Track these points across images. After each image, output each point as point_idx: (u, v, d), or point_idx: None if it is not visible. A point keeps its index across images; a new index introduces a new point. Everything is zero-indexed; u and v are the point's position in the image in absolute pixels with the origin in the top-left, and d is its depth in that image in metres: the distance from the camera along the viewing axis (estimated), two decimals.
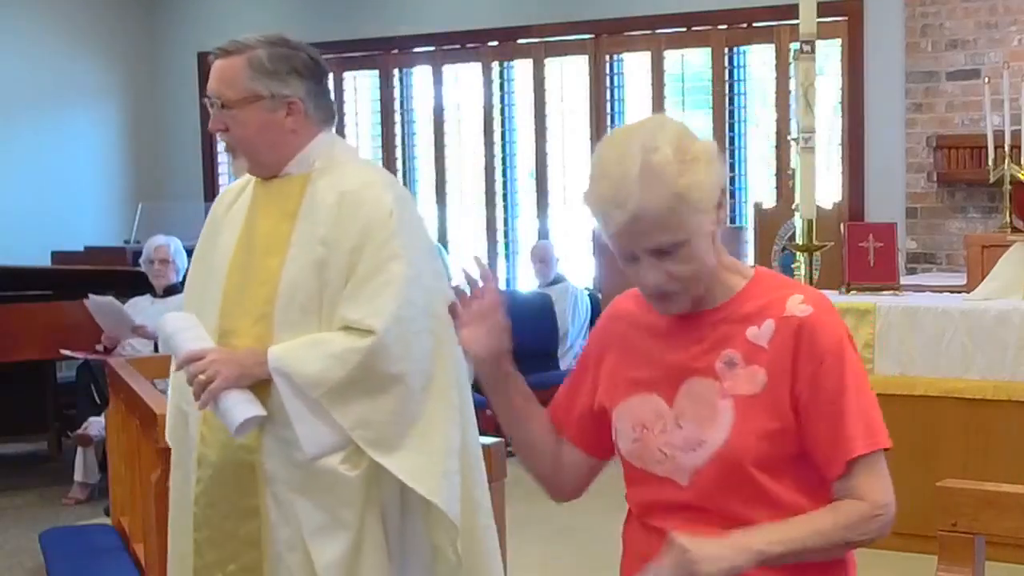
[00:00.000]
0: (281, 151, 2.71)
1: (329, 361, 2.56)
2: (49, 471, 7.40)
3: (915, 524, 5.13)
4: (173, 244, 7.14)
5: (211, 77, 2.71)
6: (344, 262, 2.61)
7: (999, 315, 5.22)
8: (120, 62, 10.39)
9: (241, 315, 2.68)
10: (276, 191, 2.73)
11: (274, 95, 2.68)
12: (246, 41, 2.70)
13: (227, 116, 2.68)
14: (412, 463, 2.61)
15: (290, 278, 2.64)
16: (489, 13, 9.10)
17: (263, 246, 2.70)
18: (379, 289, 2.59)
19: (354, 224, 2.62)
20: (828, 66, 7.98)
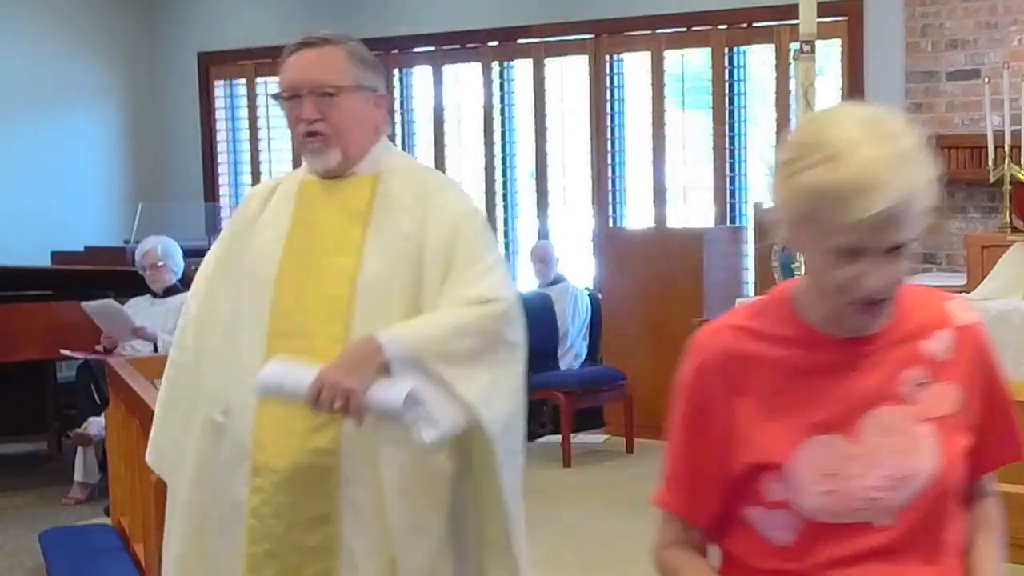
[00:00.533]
0: (364, 145, 2.67)
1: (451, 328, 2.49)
2: (49, 471, 7.40)
3: None
4: (161, 246, 7.06)
5: (304, 66, 2.63)
6: (443, 259, 2.57)
7: (999, 315, 5.22)
8: (120, 62, 10.39)
9: (306, 315, 2.59)
10: (341, 191, 2.67)
11: (372, 88, 2.68)
12: (335, 35, 2.69)
13: (327, 103, 2.62)
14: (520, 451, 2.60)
15: (370, 276, 2.57)
16: (489, 13, 9.10)
17: (332, 245, 2.62)
18: (486, 272, 2.57)
19: (445, 222, 2.59)
20: (828, 66, 7.97)
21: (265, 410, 2.55)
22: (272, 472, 2.55)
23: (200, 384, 2.72)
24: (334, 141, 2.63)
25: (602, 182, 8.89)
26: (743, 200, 8.43)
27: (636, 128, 8.80)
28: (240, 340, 2.64)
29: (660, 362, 7.83)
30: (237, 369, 2.62)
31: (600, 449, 7.69)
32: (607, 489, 6.62)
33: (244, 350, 2.62)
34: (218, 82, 10.45)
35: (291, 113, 2.67)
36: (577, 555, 5.52)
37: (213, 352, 2.71)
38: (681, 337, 7.78)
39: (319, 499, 2.54)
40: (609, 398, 7.70)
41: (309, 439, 2.53)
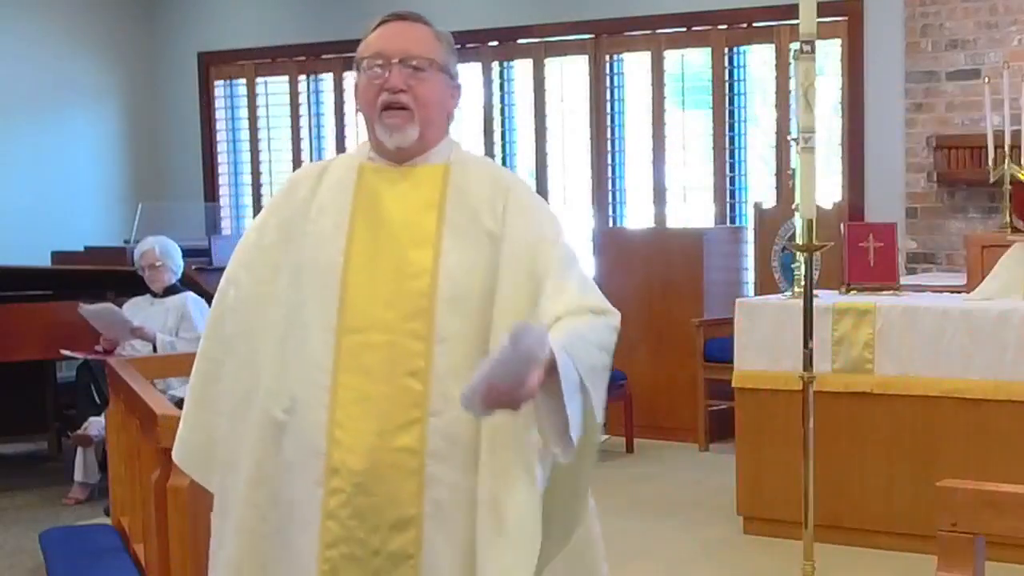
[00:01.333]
0: (439, 131, 2.57)
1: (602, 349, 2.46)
2: (49, 471, 7.40)
3: (915, 524, 5.17)
4: (160, 246, 7.06)
5: (396, 35, 2.56)
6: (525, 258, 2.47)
7: (999, 315, 5.22)
8: (120, 62, 10.39)
9: (384, 309, 2.45)
10: (410, 179, 2.54)
11: (454, 75, 2.61)
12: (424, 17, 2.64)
13: (416, 77, 2.51)
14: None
15: (451, 271, 2.46)
16: (489, 13, 9.10)
17: (405, 237, 2.49)
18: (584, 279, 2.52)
19: (527, 220, 2.50)
20: (828, 66, 7.98)
21: (342, 407, 2.43)
22: (352, 472, 2.41)
23: (248, 378, 2.55)
24: (416, 117, 2.51)
25: (602, 182, 8.89)
26: (743, 200, 8.44)
27: (636, 128, 8.80)
28: (304, 334, 2.49)
29: (660, 362, 7.84)
30: (302, 364, 2.48)
31: (600, 449, 7.66)
32: (607, 489, 6.62)
33: (309, 345, 2.47)
34: (218, 82, 10.45)
35: (371, 82, 2.53)
36: None
37: (269, 346, 2.53)
38: (681, 337, 7.80)
39: (402, 502, 2.42)
40: (609, 398, 7.69)
41: (392, 437, 2.41)
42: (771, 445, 5.61)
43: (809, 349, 4.04)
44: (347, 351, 2.44)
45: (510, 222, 2.50)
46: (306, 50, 9.87)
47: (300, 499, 2.46)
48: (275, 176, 10.33)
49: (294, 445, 2.47)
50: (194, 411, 2.67)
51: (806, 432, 4.03)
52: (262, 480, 2.51)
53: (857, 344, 5.46)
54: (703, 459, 7.34)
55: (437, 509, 2.42)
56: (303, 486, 2.45)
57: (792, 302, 5.56)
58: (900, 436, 5.42)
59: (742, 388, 5.75)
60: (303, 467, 2.45)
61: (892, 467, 5.42)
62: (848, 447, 5.49)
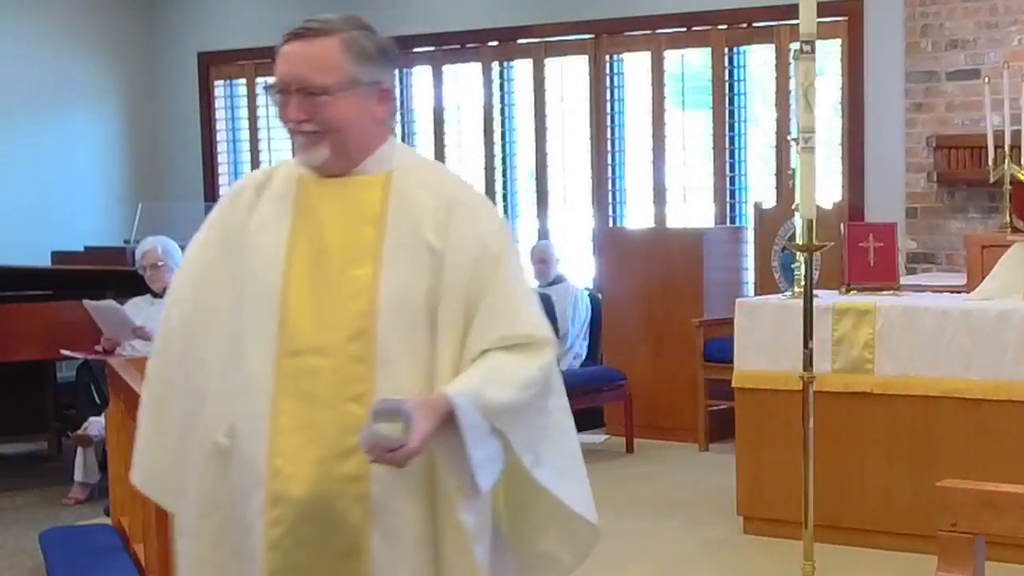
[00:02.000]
0: (367, 143, 2.43)
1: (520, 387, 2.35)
2: (49, 471, 7.40)
3: (915, 524, 5.17)
4: (161, 246, 7.06)
5: (295, 59, 2.41)
6: (466, 274, 2.36)
7: (999, 315, 5.22)
8: (120, 62, 10.39)
9: (324, 331, 2.35)
10: (348, 192, 2.43)
11: (371, 81, 2.42)
12: (334, 22, 2.44)
13: (314, 104, 2.37)
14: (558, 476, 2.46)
15: (393, 289, 2.35)
16: (489, 13, 9.10)
17: (344, 253, 2.39)
18: (524, 300, 2.41)
19: (471, 234, 2.38)
20: (828, 66, 7.98)
21: (282, 435, 2.34)
22: (294, 501, 2.34)
23: (195, 401, 2.48)
24: (325, 139, 2.39)
25: (602, 182, 8.89)
26: (743, 200, 8.44)
27: (636, 128, 8.80)
28: (245, 358, 2.39)
29: (660, 362, 7.84)
30: (242, 389, 2.39)
31: (600, 449, 7.68)
32: (607, 489, 6.61)
33: (249, 369, 2.38)
34: (218, 82, 10.45)
35: (280, 109, 2.44)
36: None
37: (213, 369, 2.45)
38: (681, 337, 7.80)
39: (349, 530, 2.35)
40: (609, 398, 7.70)
41: (335, 465, 2.33)
42: (771, 445, 5.61)
43: (809, 349, 4.04)
44: (287, 376, 2.35)
45: (453, 236, 2.38)
46: None
47: (247, 528, 2.39)
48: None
49: (237, 473, 2.40)
50: (149, 435, 2.60)
51: (806, 432, 4.03)
52: (212, 508, 2.45)
53: (857, 344, 5.46)
54: (703, 459, 7.33)
55: (386, 537, 2.35)
56: (248, 515, 2.38)
57: (792, 302, 5.56)
58: (900, 436, 5.42)
59: (742, 388, 5.75)
60: (247, 496, 2.38)
61: (892, 467, 5.42)
62: (848, 447, 5.49)
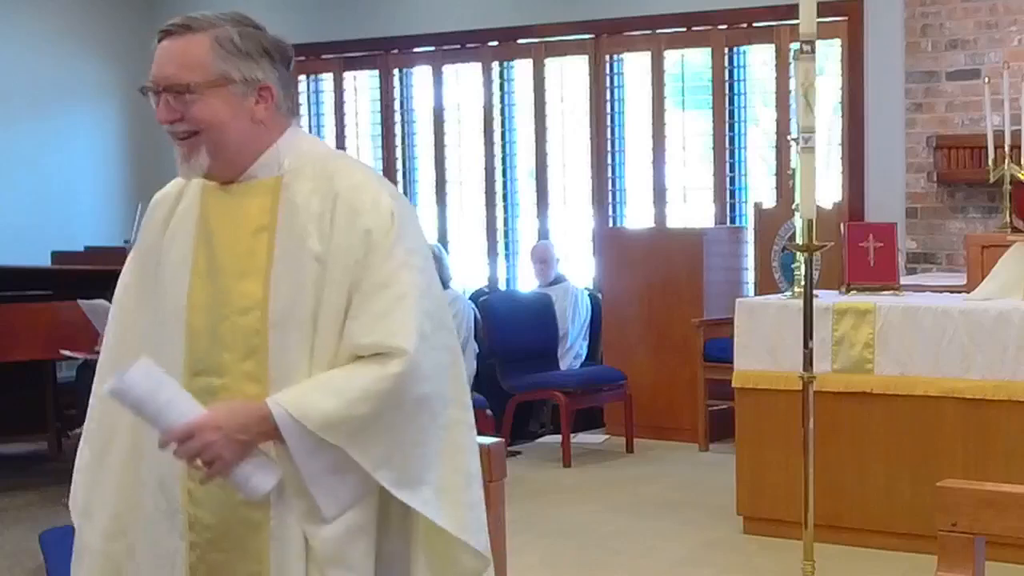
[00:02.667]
0: (249, 146, 2.30)
1: (351, 395, 2.19)
2: (49, 471, 7.39)
3: (915, 524, 5.17)
4: None
5: (162, 58, 2.28)
6: (346, 279, 2.24)
7: (999, 315, 5.22)
8: (120, 61, 10.38)
9: (221, 350, 2.27)
10: (240, 200, 2.32)
11: (245, 79, 2.29)
12: (208, 18, 2.30)
13: (185, 103, 2.27)
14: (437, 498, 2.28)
15: (282, 303, 2.25)
16: (489, 13, 9.09)
17: (234, 267, 2.29)
18: (393, 304, 2.23)
19: (354, 234, 2.25)
20: (828, 66, 7.98)
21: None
22: (204, 527, 2.28)
23: (116, 422, 2.41)
24: (199, 142, 2.28)
25: (602, 182, 8.89)
26: (743, 200, 8.44)
27: (636, 128, 8.80)
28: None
29: (660, 362, 7.84)
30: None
31: (600, 449, 7.68)
32: (607, 489, 6.62)
33: None
34: None
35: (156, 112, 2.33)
36: (577, 555, 5.52)
37: None
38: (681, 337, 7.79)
39: (250, 559, 2.28)
40: (609, 398, 7.70)
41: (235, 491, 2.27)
42: (771, 445, 5.61)
43: (809, 349, 4.04)
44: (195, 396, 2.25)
45: (336, 239, 2.25)
46: (306, 50, 9.85)
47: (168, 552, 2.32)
48: None
49: (154, 497, 2.34)
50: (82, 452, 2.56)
51: (806, 432, 4.03)
52: (119, 532, 2.39)
53: (857, 344, 5.46)
54: (703, 459, 7.33)
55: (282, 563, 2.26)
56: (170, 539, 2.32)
57: (792, 302, 5.56)
58: (900, 436, 5.42)
59: (742, 388, 5.75)
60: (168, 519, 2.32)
61: (892, 467, 5.42)
62: (848, 447, 5.49)
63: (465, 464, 2.34)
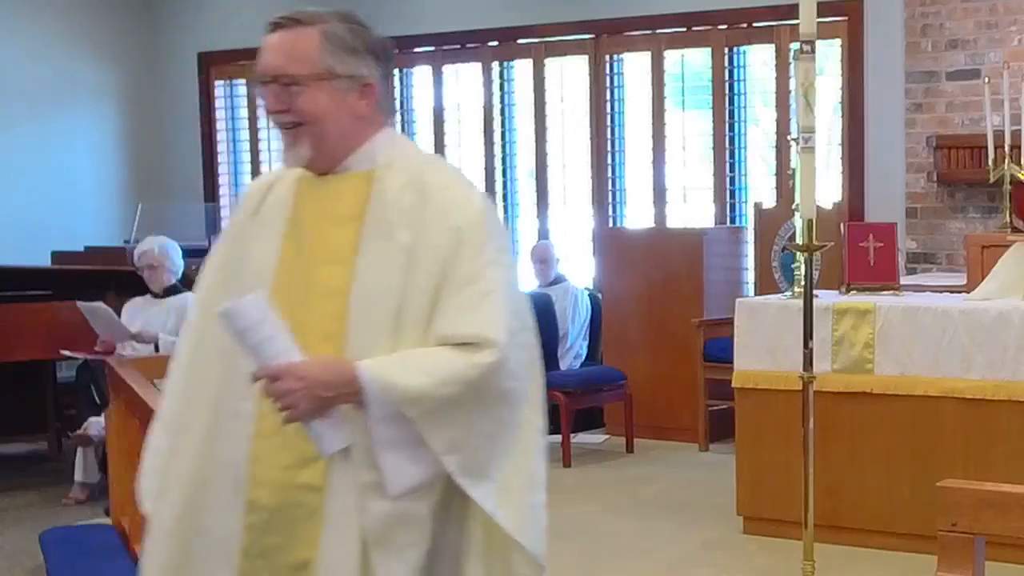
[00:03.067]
0: (348, 139, 2.38)
1: (440, 376, 2.24)
2: (49, 471, 7.40)
3: (915, 524, 5.17)
4: (159, 247, 7.07)
5: (269, 51, 2.36)
6: (433, 273, 2.29)
7: (999, 315, 5.22)
8: (120, 62, 10.39)
9: (302, 333, 2.30)
10: (333, 190, 2.39)
11: (351, 75, 2.35)
12: (318, 13, 2.37)
13: (291, 95, 2.34)
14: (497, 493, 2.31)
15: (364, 291, 2.31)
16: (489, 13, 9.09)
17: (321, 254, 2.36)
18: (481, 299, 2.29)
19: (444, 230, 2.31)
20: (828, 66, 7.98)
21: (260, 438, 2.32)
22: (262, 509, 2.32)
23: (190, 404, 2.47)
24: (300, 137, 2.36)
25: (602, 182, 8.89)
26: (743, 200, 8.44)
27: (636, 128, 8.80)
28: (236, 360, 2.35)
29: (660, 362, 7.84)
30: (231, 394, 2.37)
31: (600, 449, 7.68)
32: (607, 489, 6.62)
33: (239, 373, 2.34)
34: (218, 82, 10.45)
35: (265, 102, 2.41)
36: (577, 555, 5.52)
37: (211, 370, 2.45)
38: (681, 337, 7.79)
39: (301, 544, 2.32)
40: (609, 398, 7.70)
41: (297, 473, 2.31)
42: (771, 445, 5.61)
43: (809, 349, 4.04)
44: None
45: (426, 234, 2.32)
46: None
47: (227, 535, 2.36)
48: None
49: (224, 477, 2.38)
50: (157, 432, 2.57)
51: (806, 432, 4.03)
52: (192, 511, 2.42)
53: (857, 344, 5.46)
54: (703, 459, 7.33)
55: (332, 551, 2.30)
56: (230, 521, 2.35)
57: (792, 302, 5.56)
58: (900, 436, 5.42)
59: (742, 388, 5.75)
60: (232, 500, 2.35)
61: (892, 467, 5.42)
62: (848, 447, 5.49)
63: (531, 466, 2.38)
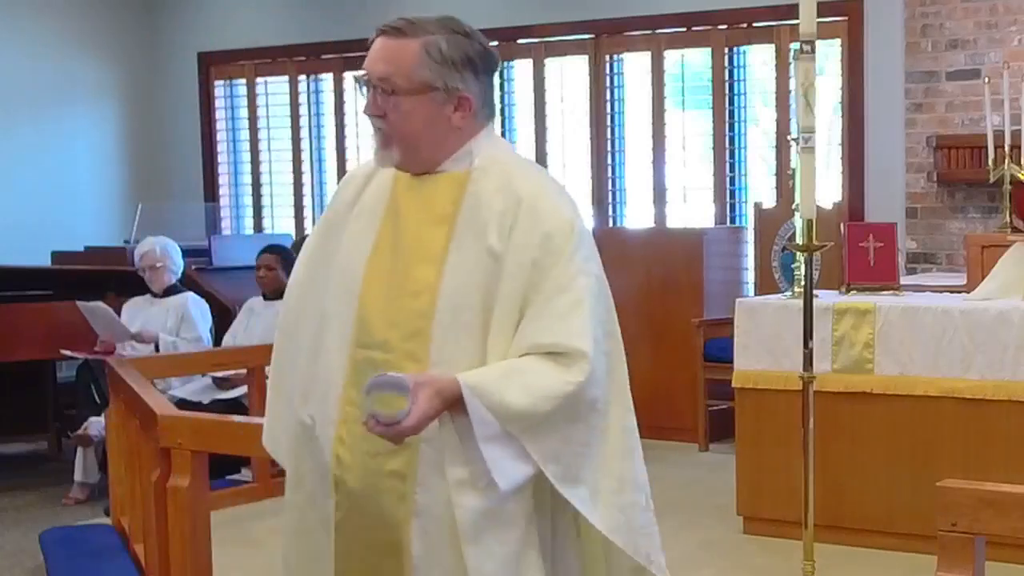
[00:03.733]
0: (441, 148, 2.44)
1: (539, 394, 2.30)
2: (49, 471, 7.40)
3: (915, 524, 5.17)
4: (160, 247, 7.09)
5: (375, 55, 2.43)
6: (524, 277, 2.35)
7: (999, 315, 5.22)
8: (120, 62, 10.39)
9: (387, 327, 2.39)
10: (429, 189, 2.45)
11: (447, 88, 2.41)
12: (423, 23, 2.42)
13: (390, 102, 2.41)
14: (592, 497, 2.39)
15: (452, 291, 2.37)
16: (489, 13, 9.09)
17: (414, 251, 2.42)
18: (571, 308, 2.34)
19: (534, 236, 2.36)
20: (828, 66, 7.98)
21: (346, 424, 2.41)
22: (349, 491, 2.42)
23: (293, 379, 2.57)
24: (393, 141, 2.44)
25: (602, 182, 8.89)
26: (743, 200, 8.44)
27: (636, 128, 8.80)
28: (325, 343, 2.46)
29: (660, 362, 7.84)
30: (320, 376, 2.47)
31: None
32: None
33: (327, 356, 2.46)
34: (218, 82, 10.45)
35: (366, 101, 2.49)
36: None
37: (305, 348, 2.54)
38: (681, 337, 7.78)
39: (391, 526, 2.39)
40: None
41: (385, 460, 2.38)
42: (771, 445, 5.61)
43: (809, 349, 4.04)
44: (356, 367, 2.41)
45: (515, 238, 2.37)
46: (306, 50, 9.87)
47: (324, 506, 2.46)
48: (275, 176, 10.33)
49: (315, 454, 2.47)
50: (272, 399, 2.69)
51: (806, 432, 4.03)
52: (299, 482, 2.53)
53: (857, 344, 5.46)
54: (703, 459, 7.33)
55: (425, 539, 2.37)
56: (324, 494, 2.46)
57: (792, 302, 5.56)
58: (900, 436, 5.42)
59: (742, 388, 5.75)
60: (323, 476, 2.45)
61: (892, 467, 5.42)
62: (848, 447, 5.49)
63: (620, 467, 2.47)
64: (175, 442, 3.81)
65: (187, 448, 3.77)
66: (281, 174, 10.27)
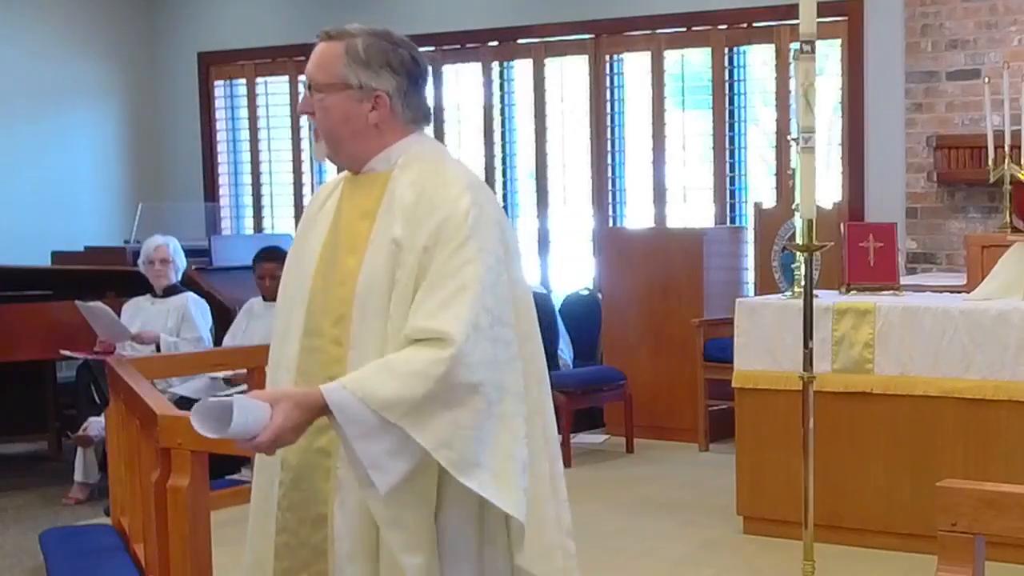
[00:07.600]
0: (362, 144, 2.64)
1: (408, 379, 2.40)
2: (49, 471, 7.40)
3: (915, 524, 5.17)
4: (172, 243, 7.16)
5: (310, 59, 2.71)
6: (414, 263, 2.50)
7: (999, 315, 5.22)
8: (120, 62, 10.39)
9: (323, 315, 2.61)
10: (359, 188, 2.67)
11: (363, 86, 2.63)
12: (350, 29, 2.72)
13: (315, 100, 2.65)
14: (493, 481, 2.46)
15: (366, 278, 2.56)
16: (489, 13, 9.10)
17: (345, 244, 2.64)
18: (454, 295, 2.45)
19: (428, 224, 2.51)
20: (828, 66, 7.98)
21: None
22: (289, 468, 2.62)
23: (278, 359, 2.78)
24: (322, 134, 2.66)
25: (602, 182, 8.89)
26: (743, 200, 8.44)
27: (636, 128, 8.80)
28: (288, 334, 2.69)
29: (660, 362, 7.84)
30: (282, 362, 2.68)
31: (600, 449, 7.68)
32: (607, 489, 6.62)
33: (287, 345, 2.67)
34: (218, 82, 10.45)
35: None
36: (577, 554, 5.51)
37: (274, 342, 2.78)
38: (681, 337, 7.79)
39: (319, 500, 2.59)
40: (609, 398, 7.70)
41: (314, 438, 2.55)
42: (771, 445, 5.61)
43: (809, 349, 4.04)
44: (303, 354, 2.63)
45: (413, 226, 2.53)
46: (306, 50, 9.72)
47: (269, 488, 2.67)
48: (275, 176, 10.33)
49: None
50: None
51: (806, 432, 4.03)
52: (263, 465, 2.70)
53: (857, 344, 5.46)
54: (703, 459, 7.34)
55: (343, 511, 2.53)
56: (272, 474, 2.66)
57: (792, 302, 5.56)
58: (900, 436, 5.42)
59: (742, 388, 5.75)
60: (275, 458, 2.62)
61: (892, 467, 5.42)
62: (848, 447, 5.49)
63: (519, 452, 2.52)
64: (175, 442, 3.80)
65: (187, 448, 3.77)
66: (281, 174, 10.28)
